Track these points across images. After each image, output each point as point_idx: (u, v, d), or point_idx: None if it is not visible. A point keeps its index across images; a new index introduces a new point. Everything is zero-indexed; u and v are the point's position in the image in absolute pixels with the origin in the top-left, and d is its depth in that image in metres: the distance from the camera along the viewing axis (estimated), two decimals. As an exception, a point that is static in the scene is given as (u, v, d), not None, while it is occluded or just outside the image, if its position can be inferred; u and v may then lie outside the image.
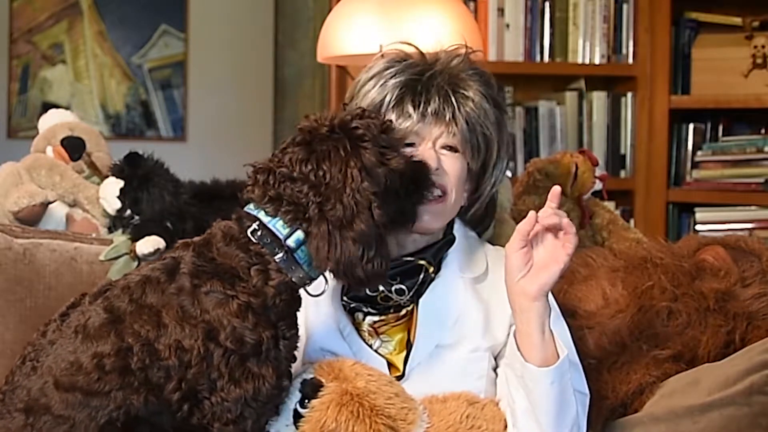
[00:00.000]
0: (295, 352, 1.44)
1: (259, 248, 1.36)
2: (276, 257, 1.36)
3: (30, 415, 1.34)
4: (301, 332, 1.45)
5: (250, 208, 1.40)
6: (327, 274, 1.41)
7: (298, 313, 1.43)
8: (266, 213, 1.37)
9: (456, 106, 1.56)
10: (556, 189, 1.48)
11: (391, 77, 1.58)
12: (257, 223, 1.37)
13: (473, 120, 1.57)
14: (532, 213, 1.45)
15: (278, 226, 1.36)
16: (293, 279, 1.37)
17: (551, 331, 1.48)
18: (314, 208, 1.34)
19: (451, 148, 1.57)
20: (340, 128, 1.39)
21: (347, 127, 1.39)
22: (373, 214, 1.34)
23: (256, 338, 1.34)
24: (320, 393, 1.44)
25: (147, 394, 1.32)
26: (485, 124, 1.58)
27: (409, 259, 1.57)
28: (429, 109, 1.55)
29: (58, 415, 1.33)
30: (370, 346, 1.58)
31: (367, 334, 1.59)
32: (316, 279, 1.41)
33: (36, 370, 1.36)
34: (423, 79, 1.58)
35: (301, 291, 1.42)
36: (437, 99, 1.56)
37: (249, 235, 1.37)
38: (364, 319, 1.60)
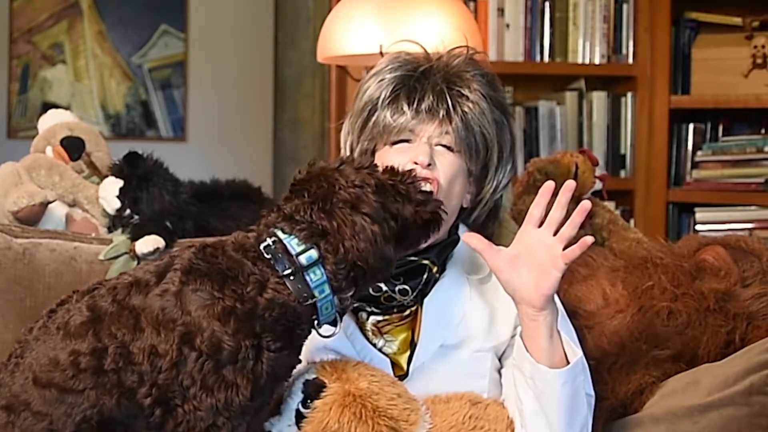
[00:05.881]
0: (286, 378, 1.41)
1: (266, 265, 1.36)
2: (284, 272, 1.35)
3: (11, 413, 1.33)
4: None
5: (270, 229, 1.41)
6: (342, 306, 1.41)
7: (301, 343, 1.40)
8: (283, 231, 1.38)
9: (450, 104, 1.55)
10: (549, 184, 1.47)
11: (388, 73, 1.59)
12: (273, 238, 1.37)
13: (469, 119, 1.56)
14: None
15: (293, 243, 1.37)
16: (294, 296, 1.35)
17: (558, 332, 1.48)
18: (318, 213, 1.37)
19: (447, 148, 1.57)
20: (308, 173, 1.43)
21: (316, 168, 1.44)
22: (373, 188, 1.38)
23: (233, 345, 1.31)
24: (323, 393, 1.43)
25: (119, 397, 1.31)
26: (483, 124, 1.57)
27: (412, 258, 1.56)
28: (423, 106, 1.55)
29: (36, 411, 1.32)
30: (374, 345, 1.58)
31: (370, 334, 1.59)
32: (326, 304, 1.38)
33: (19, 366, 1.36)
34: (417, 75, 1.58)
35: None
36: (431, 96, 1.56)
37: (261, 249, 1.37)
38: (367, 319, 1.59)
